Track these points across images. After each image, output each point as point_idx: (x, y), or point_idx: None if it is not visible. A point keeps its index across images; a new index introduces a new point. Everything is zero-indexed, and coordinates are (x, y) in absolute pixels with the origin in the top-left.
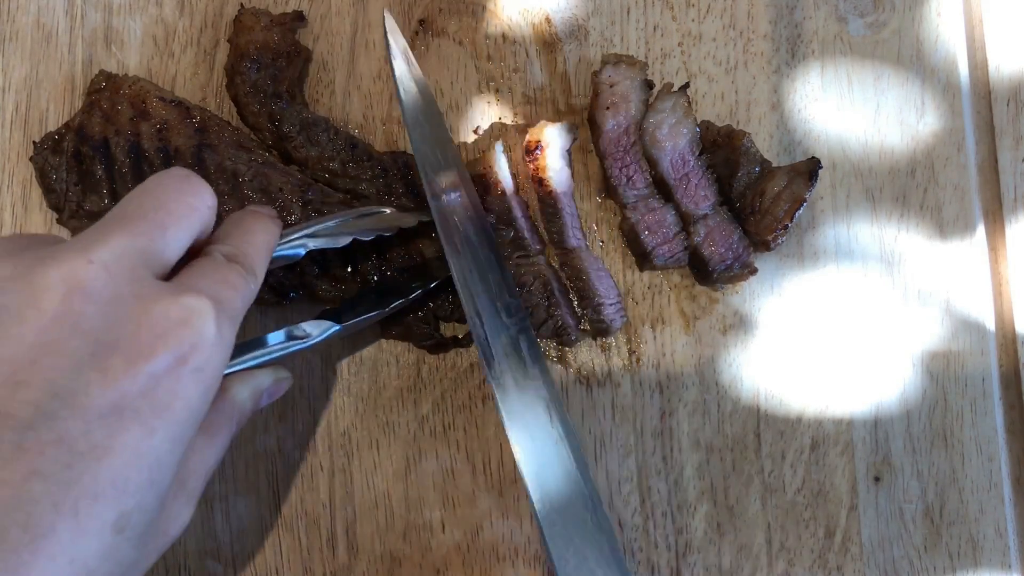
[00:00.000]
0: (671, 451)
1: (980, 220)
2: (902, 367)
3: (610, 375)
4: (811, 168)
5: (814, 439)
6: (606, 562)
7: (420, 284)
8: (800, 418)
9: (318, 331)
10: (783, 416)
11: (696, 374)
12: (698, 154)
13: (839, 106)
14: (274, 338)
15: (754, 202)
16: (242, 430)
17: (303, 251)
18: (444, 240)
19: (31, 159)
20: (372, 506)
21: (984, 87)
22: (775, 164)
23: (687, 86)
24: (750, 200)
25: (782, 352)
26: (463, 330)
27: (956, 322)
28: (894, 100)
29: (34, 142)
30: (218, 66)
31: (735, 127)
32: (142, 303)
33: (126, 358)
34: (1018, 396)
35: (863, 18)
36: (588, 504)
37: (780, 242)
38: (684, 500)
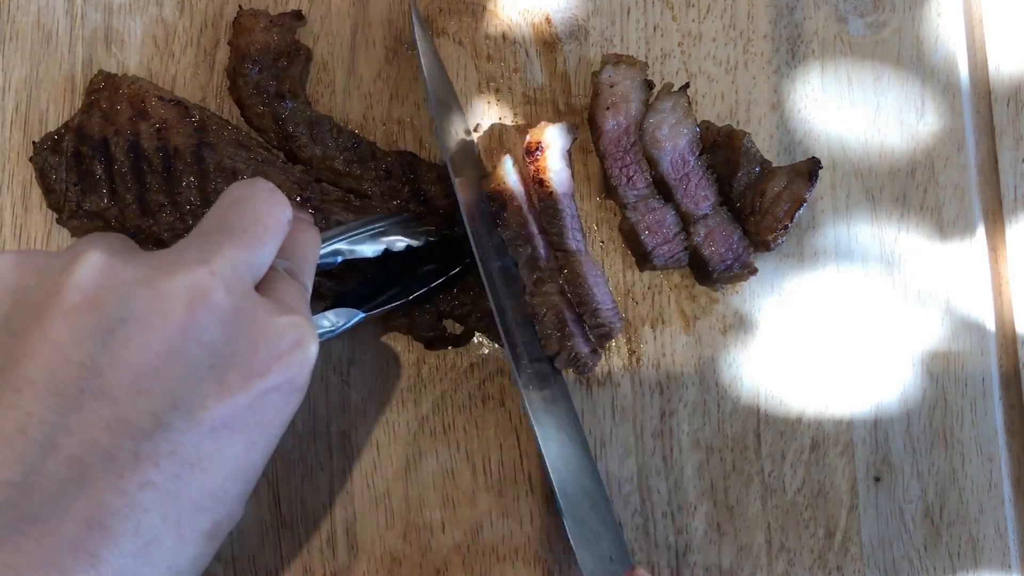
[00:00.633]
0: (671, 451)
1: (980, 220)
2: (902, 367)
3: (610, 375)
4: (811, 168)
5: (814, 439)
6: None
7: (437, 271)
8: (800, 418)
9: (343, 320)
10: (783, 416)
11: (696, 374)
12: (698, 154)
13: (839, 106)
14: None
15: (754, 202)
16: None
17: (338, 259)
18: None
19: (31, 159)
20: (372, 506)
21: (984, 87)
22: (775, 164)
23: (687, 86)
24: (750, 200)
25: (782, 352)
26: (462, 331)
27: (956, 322)
28: (894, 100)
29: (34, 142)
30: (218, 66)
31: (735, 127)
32: (258, 319)
33: (242, 374)
34: (1018, 396)
35: (863, 18)
36: (595, 487)
37: (780, 242)
38: (684, 500)
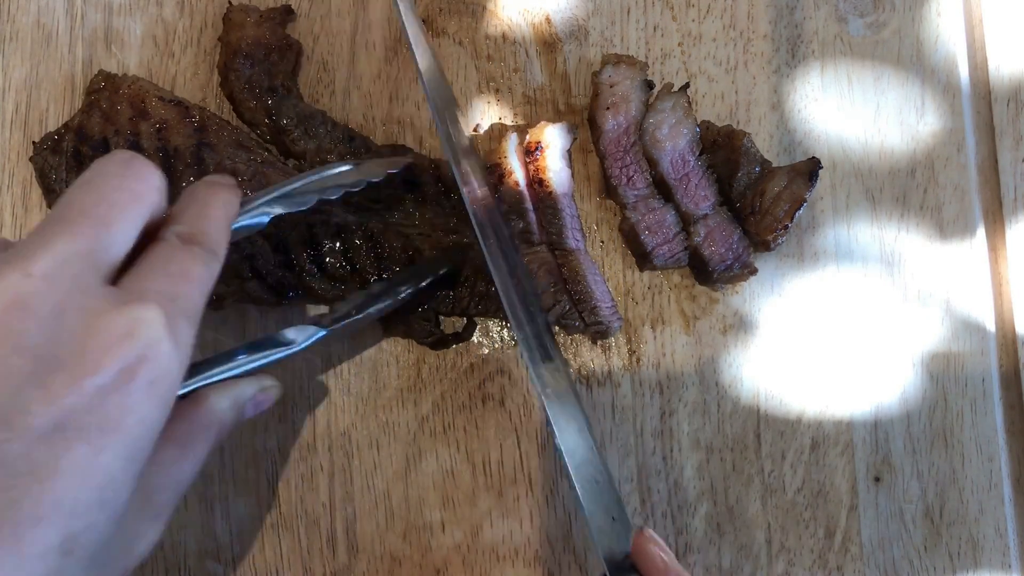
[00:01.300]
0: (671, 451)
1: (980, 220)
2: (902, 367)
3: (610, 375)
4: (811, 168)
5: (814, 439)
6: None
7: (414, 283)
8: (800, 418)
9: (302, 337)
10: (783, 416)
11: (696, 374)
12: (698, 154)
13: (839, 106)
14: (257, 346)
15: (754, 202)
16: (241, 430)
17: (266, 219)
18: (479, 233)
19: (31, 159)
20: (372, 506)
21: (984, 87)
22: (775, 164)
23: (687, 86)
24: (750, 200)
25: (782, 352)
26: (464, 326)
27: (956, 322)
28: (894, 100)
29: (34, 142)
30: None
31: (735, 127)
32: (86, 316)
33: (69, 375)
34: (1018, 396)
35: (863, 18)
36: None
37: (780, 242)
38: (684, 500)
